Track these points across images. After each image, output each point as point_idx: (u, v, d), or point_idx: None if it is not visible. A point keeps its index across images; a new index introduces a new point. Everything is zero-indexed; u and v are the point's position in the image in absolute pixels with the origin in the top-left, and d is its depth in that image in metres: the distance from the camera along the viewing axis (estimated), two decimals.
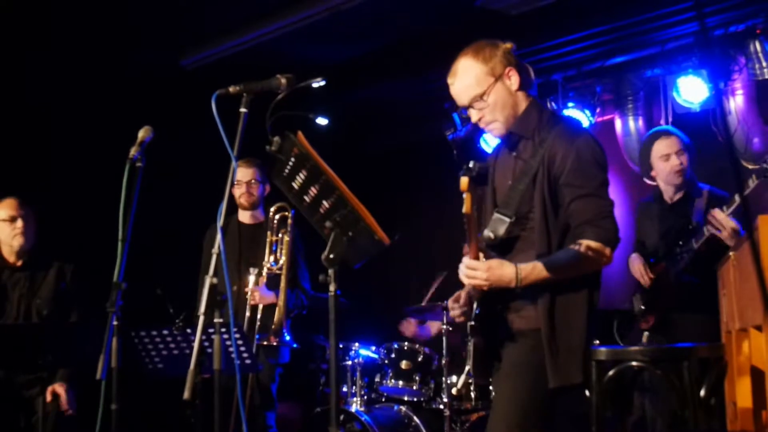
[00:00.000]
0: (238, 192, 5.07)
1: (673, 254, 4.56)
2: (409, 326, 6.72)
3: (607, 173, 3.02)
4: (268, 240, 4.94)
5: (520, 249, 3.03)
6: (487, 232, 3.02)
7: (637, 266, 4.70)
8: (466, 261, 2.94)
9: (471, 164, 2.83)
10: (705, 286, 4.40)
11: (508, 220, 2.99)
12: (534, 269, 2.90)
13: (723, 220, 4.19)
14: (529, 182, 2.99)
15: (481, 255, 3.00)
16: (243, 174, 5.05)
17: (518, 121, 3.08)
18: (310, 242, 4.46)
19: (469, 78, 3.06)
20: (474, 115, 3.10)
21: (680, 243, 4.52)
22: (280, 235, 4.93)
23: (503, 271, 2.91)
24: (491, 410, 3.12)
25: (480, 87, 3.04)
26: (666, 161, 4.66)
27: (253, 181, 5.08)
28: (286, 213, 4.91)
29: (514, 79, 3.06)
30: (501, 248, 3.04)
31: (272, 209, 4.96)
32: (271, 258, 4.92)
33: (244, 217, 5.17)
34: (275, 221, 4.94)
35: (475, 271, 2.91)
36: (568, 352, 2.93)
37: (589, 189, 2.93)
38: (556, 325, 2.92)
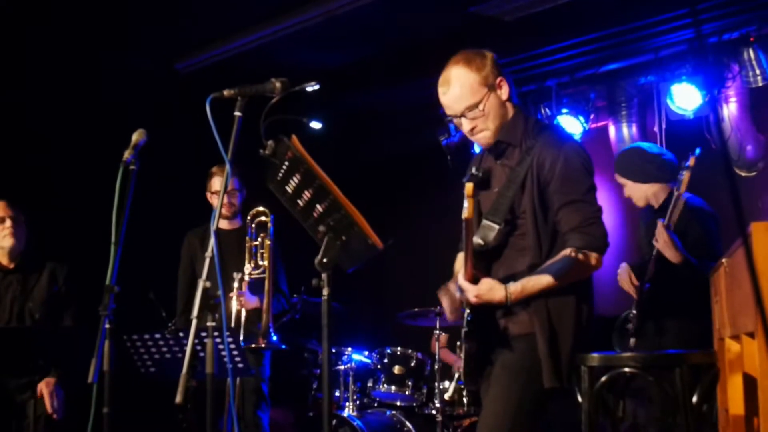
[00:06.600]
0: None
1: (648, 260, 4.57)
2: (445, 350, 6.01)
3: (594, 179, 3.07)
4: (247, 245, 4.89)
5: (508, 255, 3.08)
6: (477, 239, 3.04)
7: (620, 278, 4.64)
8: (457, 283, 3.01)
9: (475, 170, 2.94)
10: (675, 293, 4.39)
11: (497, 226, 3.03)
12: (524, 287, 2.95)
13: (658, 231, 4.23)
14: (517, 189, 3.03)
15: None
16: (222, 184, 4.90)
17: (506, 129, 3.11)
18: (293, 246, 4.44)
19: (463, 87, 3.06)
20: (466, 125, 3.10)
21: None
22: (259, 240, 4.87)
23: (493, 294, 2.96)
24: (482, 412, 3.14)
25: (474, 97, 3.05)
26: None
27: (233, 190, 5.01)
28: (265, 218, 4.85)
29: (504, 89, 3.10)
30: (490, 255, 3.08)
31: (250, 214, 4.89)
32: (252, 263, 4.88)
33: (222, 223, 5.11)
34: (253, 226, 4.89)
35: (466, 293, 2.98)
36: (561, 355, 2.99)
37: (577, 195, 2.99)
38: (555, 328, 2.98)
